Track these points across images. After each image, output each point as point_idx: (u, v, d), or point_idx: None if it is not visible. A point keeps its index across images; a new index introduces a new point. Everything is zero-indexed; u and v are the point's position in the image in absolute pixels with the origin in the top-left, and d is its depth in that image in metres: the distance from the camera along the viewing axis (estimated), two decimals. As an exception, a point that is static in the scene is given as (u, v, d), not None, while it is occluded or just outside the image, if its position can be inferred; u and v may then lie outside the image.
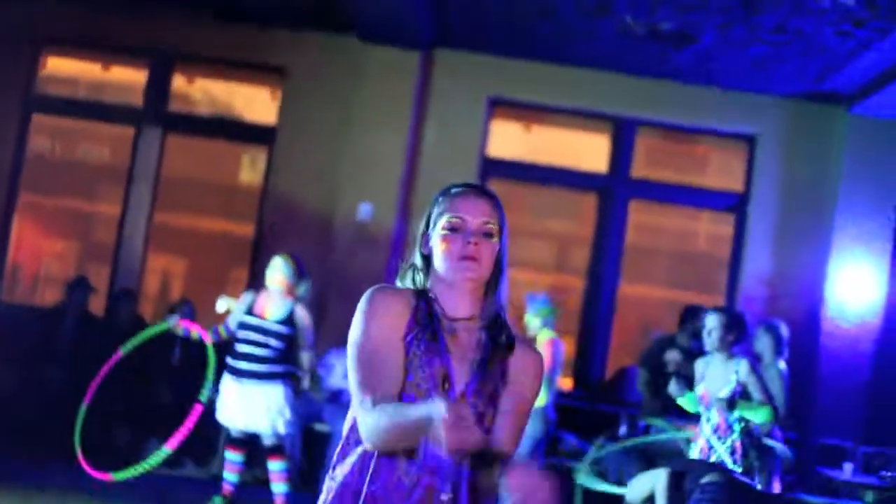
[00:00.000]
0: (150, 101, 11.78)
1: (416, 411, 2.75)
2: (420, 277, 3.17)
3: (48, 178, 12.86)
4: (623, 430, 9.77)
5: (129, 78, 12.26)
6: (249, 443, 8.76)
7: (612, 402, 10.86)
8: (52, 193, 13.16)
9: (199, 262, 14.69)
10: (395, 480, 2.94)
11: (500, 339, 3.09)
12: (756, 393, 6.89)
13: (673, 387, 7.24)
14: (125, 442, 10.36)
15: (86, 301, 10.94)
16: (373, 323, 3.04)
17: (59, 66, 12.61)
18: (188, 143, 12.21)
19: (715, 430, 6.92)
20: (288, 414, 8.55)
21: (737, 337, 7.08)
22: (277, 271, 8.52)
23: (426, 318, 3.06)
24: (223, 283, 12.86)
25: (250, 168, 13.64)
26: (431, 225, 3.13)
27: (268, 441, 8.57)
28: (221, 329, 8.63)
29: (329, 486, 3.04)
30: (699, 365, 7.27)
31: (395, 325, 3.04)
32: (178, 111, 11.96)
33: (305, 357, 8.60)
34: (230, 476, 8.76)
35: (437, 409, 2.63)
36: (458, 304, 3.10)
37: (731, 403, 6.85)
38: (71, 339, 10.68)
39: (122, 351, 8.10)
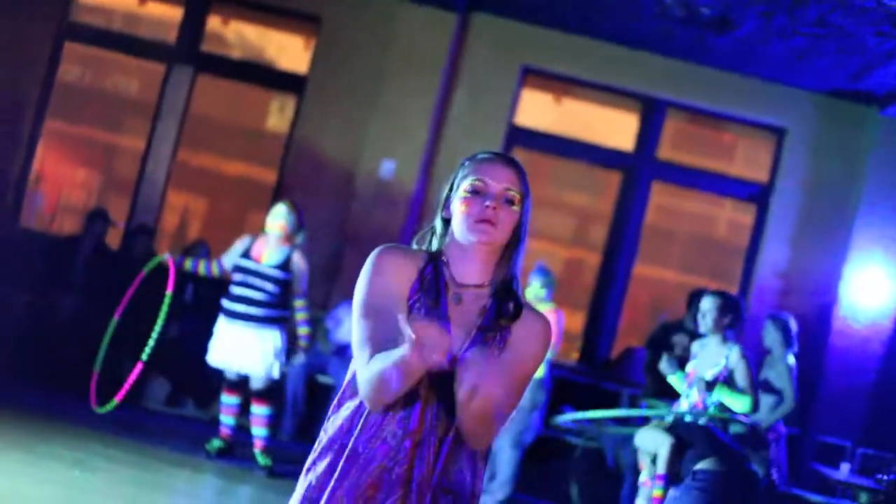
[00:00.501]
0: (184, 39, 11.76)
1: (396, 351, 2.77)
2: (437, 241, 3.18)
3: (75, 107, 12.90)
4: (623, 409, 9.80)
5: (165, 14, 12.25)
6: (245, 386, 8.80)
7: (616, 380, 10.88)
8: (78, 122, 13.20)
9: (218, 204, 14.74)
10: (380, 439, 2.95)
11: (506, 306, 3.09)
12: (741, 381, 6.93)
13: (664, 364, 7.27)
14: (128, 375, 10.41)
15: (103, 233, 10.97)
16: (378, 280, 3.06)
17: (96, -4, 12.62)
18: (218, 85, 12.20)
19: (691, 408, 6.96)
20: (282, 358, 8.61)
21: (731, 321, 7.12)
22: (280, 217, 8.53)
23: (431, 283, 3.08)
24: (241, 226, 12.88)
25: (278, 114, 13.66)
26: (455, 188, 3.14)
27: (257, 384, 8.62)
28: (214, 266, 8.65)
29: (321, 438, 3.07)
30: (695, 346, 7.36)
31: (400, 284, 3.07)
32: (211, 52, 11.93)
33: (299, 303, 8.62)
34: (227, 419, 8.82)
35: (406, 330, 2.67)
36: (470, 270, 3.10)
37: (710, 385, 6.90)
38: (85, 269, 10.71)
39: (144, 271, 8.10)
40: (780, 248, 11.25)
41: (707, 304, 7.14)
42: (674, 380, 7.29)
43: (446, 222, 3.16)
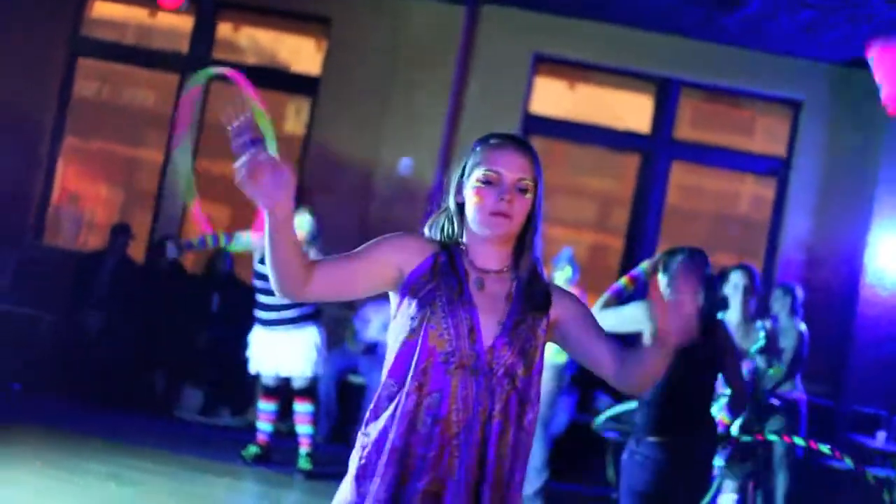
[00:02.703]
0: (196, 48, 11.81)
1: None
2: (452, 227, 3.19)
3: (93, 123, 12.93)
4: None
5: (175, 24, 12.27)
6: (282, 391, 8.83)
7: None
8: (97, 138, 13.23)
9: (241, 211, 14.74)
10: (414, 430, 2.98)
11: (536, 296, 3.12)
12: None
13: None
14: (161, 387, 10.47)
15: (126, 247, 11.00)
16: (386, 246, 3.12)
17: (106, 11, 12.62)
18: (232, 91, 12.21)
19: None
20: (320, 353, 8.66)
21: (753, 295, 7.17)
22: (302, 227, 8.49)
23: (447, 270, 3.08)
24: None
25: (294, 118, 13.67)
26: (466, 174, 3.13)
27: (298, 383, 8.66)
28: (222, 238, 8.38)
29: (363, 441, 3.08)
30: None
31: (405, 256, 3.10)
32: (224, 59, 11.94)
33: None
34: (264, 425, 8.85)
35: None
36: (489, 256, 3.12)
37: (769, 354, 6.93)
38: (110, 284, 10.76)
39: None
40: (802, 220, 11.21)
41: (739, 279, 7.13)
42: None
43: (460, 206, 3.16)
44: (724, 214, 13.10)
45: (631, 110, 12.11)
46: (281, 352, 8.56)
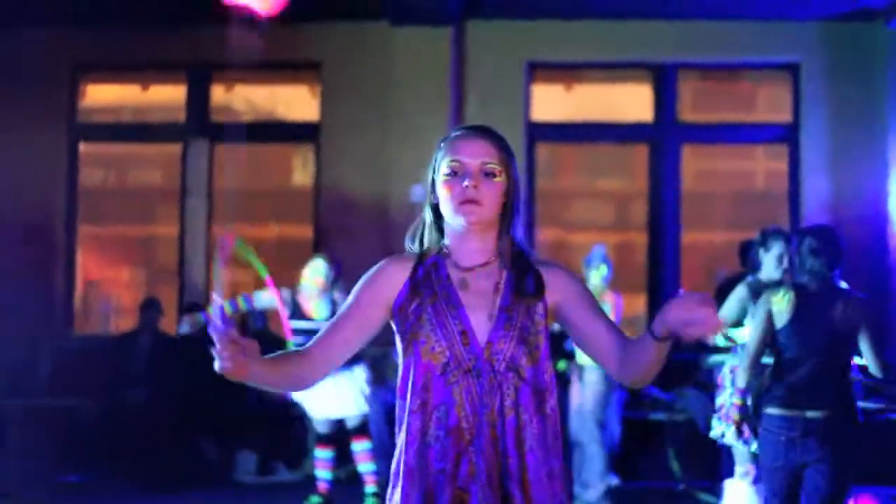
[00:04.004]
0: (193, 115, 11.87)
1: None
2: (431, 233, 3.15)
3: (104, 208, 12.98)
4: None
5: (170, 95, 12.33)
6: (338, 438, 8.81)
7: (687, 349, 10.74)
8: (111, 222, 13.27)
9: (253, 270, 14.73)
10: (427, 446, 2.95)
11: (527, 285, 3.06)
12: None
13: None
14: (214, 455, 10.44)
15: (157, 322, 11.02)
16: (366, 289, 3.12)
17: (100, 93, 12.70)
18: (236, 152, 12.26)
19: None
20: (367, 390, 8.69)
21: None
22: (318, 273, 8.62)
23: (428, 280, 3.06)
24: (290, 288, 12.88)
25: (301, 169, 13.67)
26: (436, 172, 3.10)
27: (352, 422, 8.69)
28: (241, 301, 8.60)
29: (392, 468, 3.07)
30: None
31: (387, 293, 3.08)
32: (222, 121, 12.00)
33: None
34: (323, 473, 8.81)
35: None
36: (472, 251, 3.08)
37: None
38: (147, 360, 10.76)
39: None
40: (819, 182, 11.16)
41: (781, 248, 6.98)
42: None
43: (436, 209, 3.12)
44: (741, 192, 13.04)
45: (632, 102, 12.09)
46: (330, 396, 8.54)
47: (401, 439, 3.01)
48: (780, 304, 5.56)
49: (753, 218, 12.16)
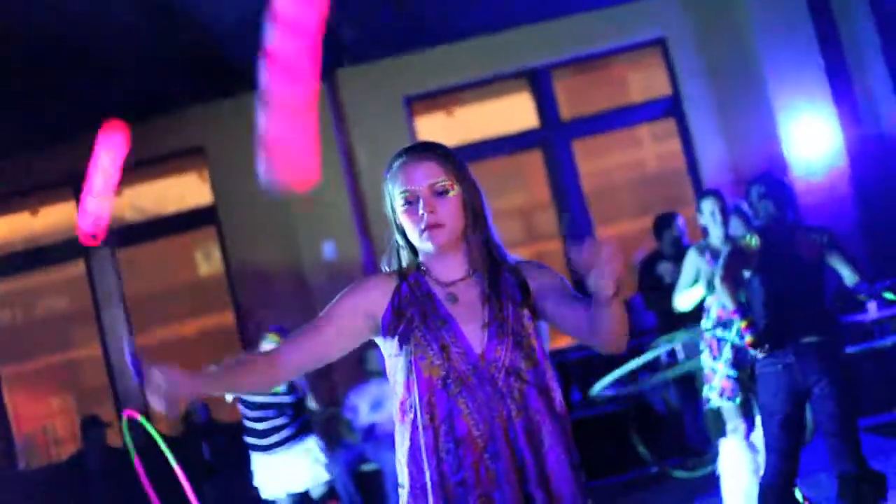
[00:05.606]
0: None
1: None
2: (405, 254, 3.15)
3: (20, 343, 12.77)
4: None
5: (59, 212, 12.18)
6: (306, 504, 8.74)
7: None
8: (31, 356, 13.07)
9: (196, 366, 14.58)
10: (442, 461, 2.95)
11: (508, 286, 3.07)
12: None
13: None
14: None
15: (103, 438, 10.83)
16: (349, 298, 3.11)
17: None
18: (140, 253, 12.14)
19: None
20: (324, 458, 8.60)
21: (729, 215, 7.20)
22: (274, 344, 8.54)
23: (414, 298, 3.06)
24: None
25: (205, 262, 13.56)
26: (393, 201, 3.11)
27: (317, 491, 8.65)
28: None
29: (401, 494, 3.05)
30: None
31: (373, 304, 3.08)
32: (118, 226, 11.86)
33: (309, 398, 8.72)
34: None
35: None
36: (449, 267, 3.09)
37: None
38: (100, 477, 10.57)
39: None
40: (714, 147, 11.28)
41: (712, 204, 7.11)
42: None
43: (402, 231, 3.12)
44: (643, 179, 13.18)
45: (516, 112, 12.11)
46: (289, 471, 8.47)
47: (404, 456, 3.02)
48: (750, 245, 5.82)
49: (657, 200, 12.27)
